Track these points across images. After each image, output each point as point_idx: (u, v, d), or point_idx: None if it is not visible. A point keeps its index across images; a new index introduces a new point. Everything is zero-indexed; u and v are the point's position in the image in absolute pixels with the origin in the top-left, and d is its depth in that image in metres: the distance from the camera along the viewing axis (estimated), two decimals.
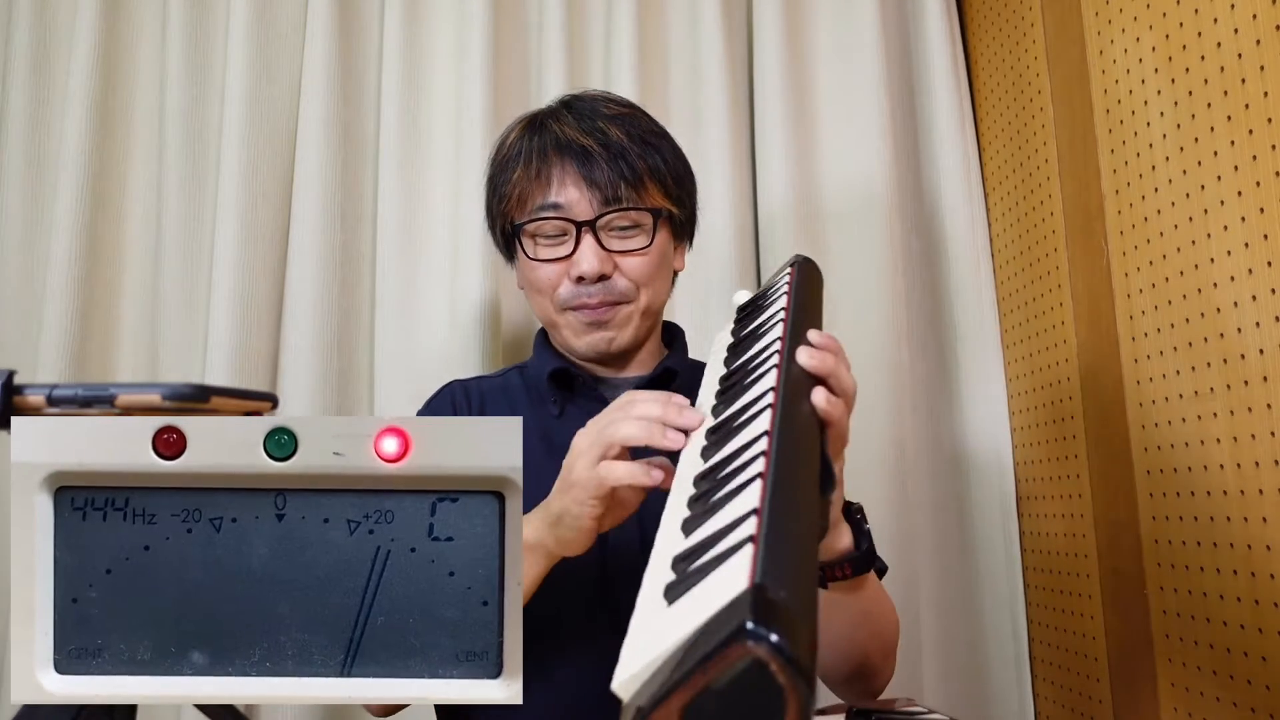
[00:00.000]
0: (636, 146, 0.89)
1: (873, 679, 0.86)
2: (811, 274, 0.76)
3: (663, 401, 0.64)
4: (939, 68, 1.46)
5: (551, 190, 0.88)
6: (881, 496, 1.32)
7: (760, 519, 0.42)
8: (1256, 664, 0.94)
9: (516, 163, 0.91)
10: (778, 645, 0.32)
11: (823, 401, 0.57)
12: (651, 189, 0.90)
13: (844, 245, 1.40)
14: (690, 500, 0.52)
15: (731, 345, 0.74)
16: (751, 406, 0.57)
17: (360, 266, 1.33)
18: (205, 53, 1.32)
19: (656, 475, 0.63)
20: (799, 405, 0.56)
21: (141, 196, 1.32)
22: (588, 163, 0.87)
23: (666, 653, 0.36)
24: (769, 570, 0.37)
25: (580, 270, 0.87)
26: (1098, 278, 1.20)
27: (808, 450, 0.51)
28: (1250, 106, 0.94)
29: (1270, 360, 0.92)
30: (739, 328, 0.77)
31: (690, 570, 0.43)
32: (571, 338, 0.91)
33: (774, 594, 0.35)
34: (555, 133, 0.90)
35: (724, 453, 0.54)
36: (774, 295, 0.75)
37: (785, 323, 0.66)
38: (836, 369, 0.61)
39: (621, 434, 0.63)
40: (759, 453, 0.50)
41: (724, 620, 0.34)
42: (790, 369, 0.59)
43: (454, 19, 1.38)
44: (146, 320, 1.29)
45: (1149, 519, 1.11)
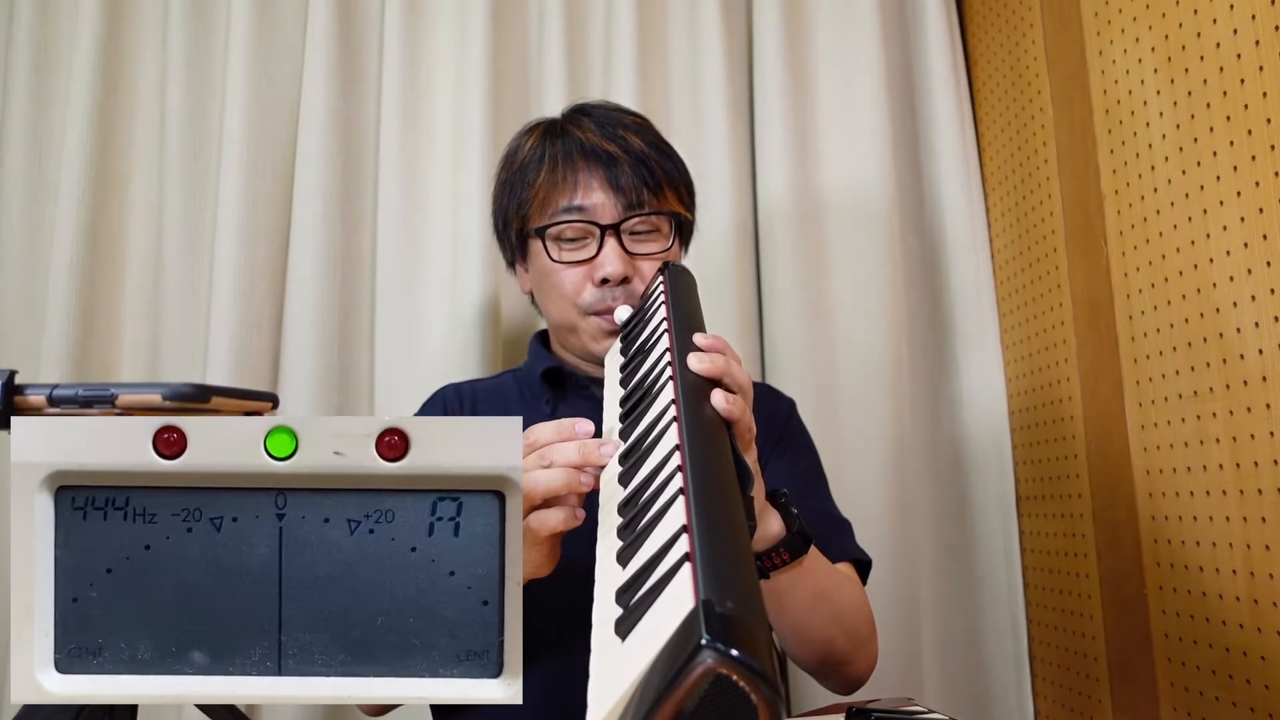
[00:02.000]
0: (655, 154, 0.92)
1: (845, 666, 0.86)
2: (683, 279, 0.78)
3: (578, 445, 0.64)
4: (939, 68, 1.46)
5: (577, 194, 0.90)
6: (881, 496, 1.32)
7: (691, 534, 0.43)
8: (1256, 663, 0.94)
9: (538, 166, 0.92)
10: (736, 657, 0.33)
11: (722, 402, 0.58)
12: (669, 194, 0.93)
13: (844, 245, 1.40)
14: (619, 529, 0.52)
15: (623, 365, 0.75)
16: (657, 424, 0.58)
17: (360, 266, 1.33)
18: (206, 53, 1.33)
19: (582, 514, 0.65)
20: (701, 411, 0.56)
21: (142, 197, 1.32)
22: (613, 168, 0.89)
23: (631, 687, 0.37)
24: (711, 584, 0.38)
25: (605, 272, 0.88)
26: (1097, 278, 1.20)
27: (720, 454, 0.52)
28: (1250, 107, 0.94)
29: (1270, 360, 0.92)
30: (626, 345, 0.79)
31: (634, 601, 0.43)
32: (591, 342, 0.92)
33: (721, 606, 0.35)
34: (578, 138, 0.91)
35: (641, 475, 0.55)
36: (652, 308, 0.77)
37: (670, 332, 0.67)
38: (728, 367, 0.63)
39: (540, 489, 0.64)
40: (675, 468, 0.50)
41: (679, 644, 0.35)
42: (685, 376, 0.60)
43: (454, 19, 1.38)
44: (147, 320, 1.29)
45: (1148, 519, 1.12)
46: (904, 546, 1.31)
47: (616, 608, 0.45)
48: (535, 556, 0.67)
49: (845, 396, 1.35)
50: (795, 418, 1.04)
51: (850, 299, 1.38)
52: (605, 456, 0.63)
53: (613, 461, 0.62)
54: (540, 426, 0.67)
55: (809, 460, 1.02)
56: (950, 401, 1.45)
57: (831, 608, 0.83)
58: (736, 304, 1.35)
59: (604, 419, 0.70)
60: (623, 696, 0.37)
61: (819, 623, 0.82)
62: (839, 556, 0.91)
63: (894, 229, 1.40)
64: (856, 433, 1.34)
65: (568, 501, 0.65)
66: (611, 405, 0.70)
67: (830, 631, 0.83)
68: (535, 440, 0.66)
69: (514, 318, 1.34)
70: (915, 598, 1.32)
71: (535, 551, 0.67)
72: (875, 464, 1.33)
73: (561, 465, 0.64)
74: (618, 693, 0.38)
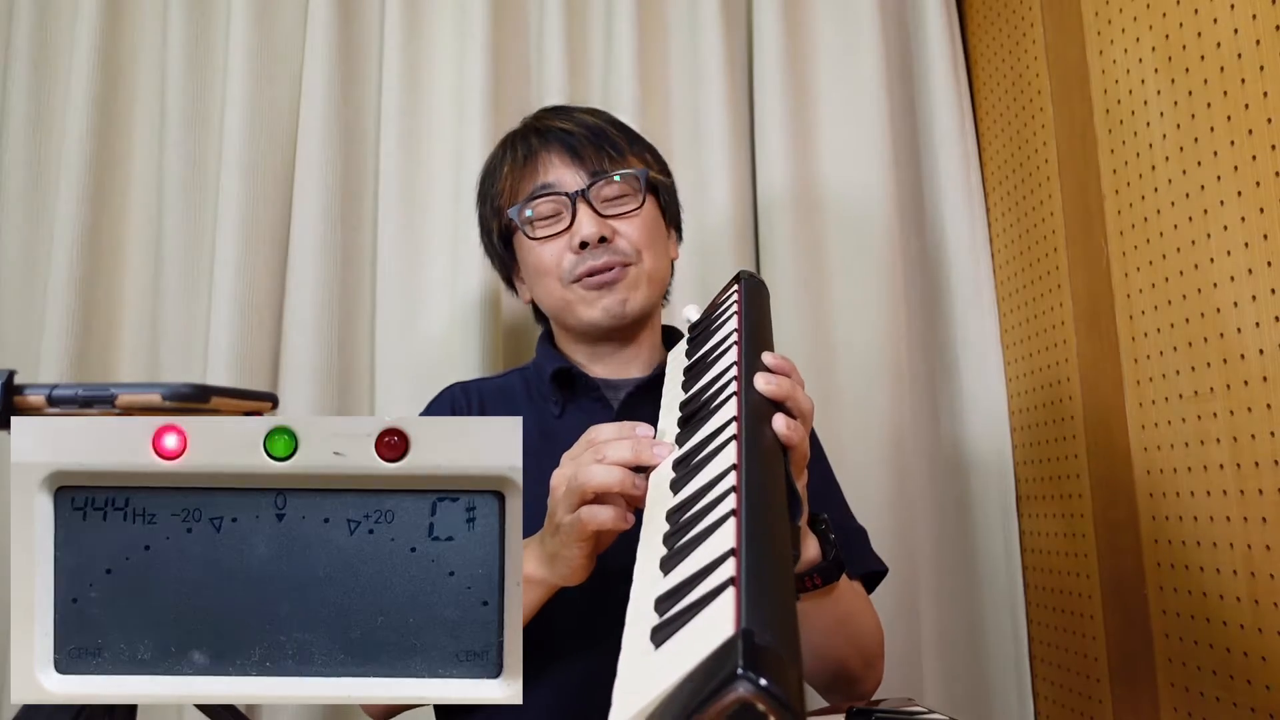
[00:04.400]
0: (611, 127, 0.96)
1: (852, 685, 0.87)
2: (758, 292, 0.78)
3: (632, 442, 0.64)
4: (939, 67, 1.46)
5: (540, 174, 0.93)
6: (881, 496, 1.32)
7: (739, 559, 0.43)
8: (1256, 664, 0.94)
9: (503, 164, 0.96)
10: (769, 690, 0.33)
11: (783, 427, 0.58)
12: (631, 158, 0.95)
13: (844, 245, 1.40)
14: (665, 536, 0.53)
15: (688, 368, 0.75)
16: (716, 437, 0.58)
17: (360, 266, 1.33)
18: (205, 53, 1.32)
19: (631, 519, 0.64)
20: (762, 433, 0.57)
21: (142, 196, 1.31)
22: (569, 140, 0.93)
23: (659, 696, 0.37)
24: (753, 614, 0.38)
25: (581, 235, 0.89)
26: (1097, 278, 1.20)
27: (774, 480, 0.52)
28: (1250, 107, 0.94)
29: (1270, 360, 0.92)
30: (693, 348, 0.79)
31: (673, 613, 0.44)
32: (584, 310, 0.92)
33: (761, 639, 0.36)
34: (534, 128, 0.96)
35: (694, 486, 0.55)
36: (724, 315, 0.77)
37: (739, 346, 0.67)
38: (793, 392, 0.62)
39: (595, 482, 0.64)
40: (729, 488, 0.50)
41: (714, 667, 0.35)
42: (750, 395, 0.60)
43: (454, 19, 1.38)
44: (147, 320, 1.29)
45: (1149, 519, 1.12)
46: (904, 546, 1.31)
47: (654, 614, 0.45)
48: (574, 557, 0.67)
49: (845, 396, 1.35)
50: None
51: (850, 299, 1.38)
52: (658, 457, 0.63)
53: (665, 464, 0.62)
54: (601, 426, 0.68)
55: (823, 468, 1.02)
56: (950, 401, 1.45)
57: (850, 632, 0.83)
58: None
59: (660, 417, 0.70)
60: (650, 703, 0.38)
61: (837, 645, 0.83)
62: (856, 572, 0.92)
63: (894, 229, 1.40)
64: (856, 432, 1.34)
65: (618, 502, 0.65)
66: (671, 405, 0.71)
67: (845, 653, 0.84)
68: (594, 438, 0.67)
69: (514, 317, 1.34)
70: (915, 598, 1.32)
71: (576, 550, 0.66)
72: (875, 464, 1.33)
73: (615, 462, 0.64)
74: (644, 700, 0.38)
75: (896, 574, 1.30)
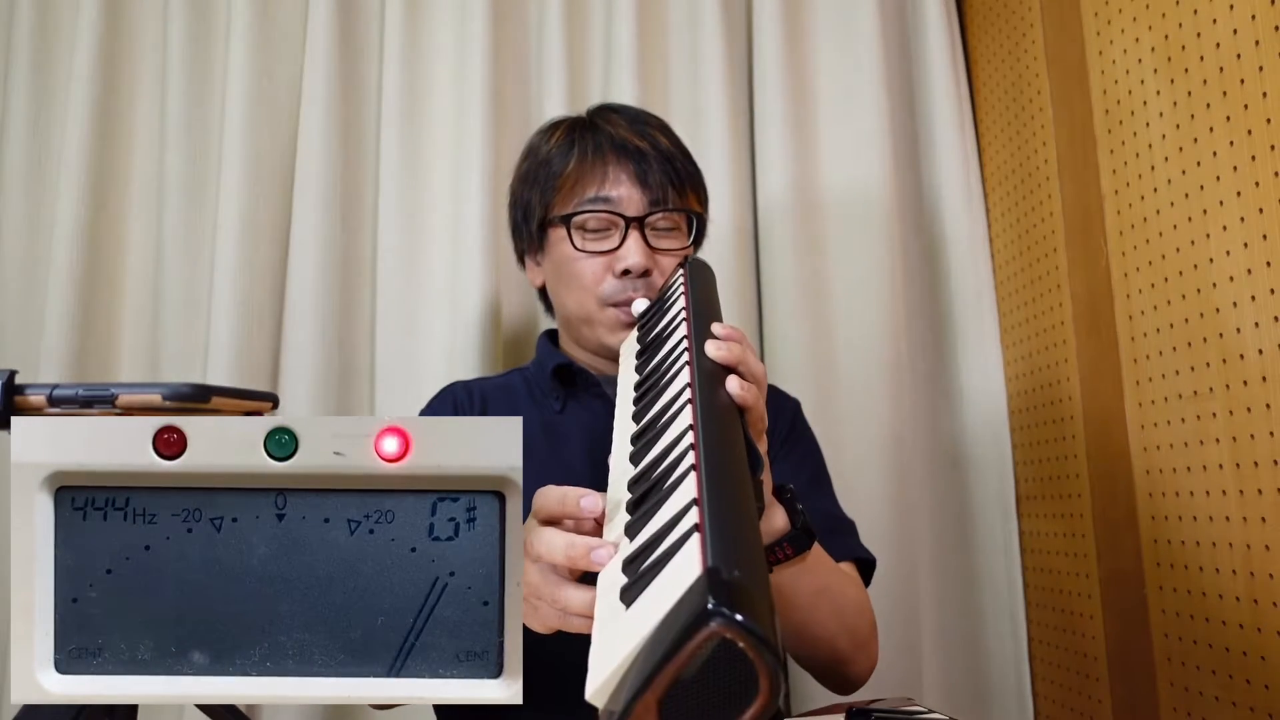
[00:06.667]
0: (680, 155, 0.95)
1: (845, 666, 0.86)
2: (703, 273, 0.79)
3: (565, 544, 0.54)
4: (939, 68, 1.46)
5: (605, 184, 0.92)
6: (881, 496, 1.32)
7: (701, 507, 0.43)
8: (1256, 663, 0.94)
9: (566, 157, 0.94)
10: (741, 622, 0.33)
11: (737, 388, 0.59)
12: (691, 194, 0.96)
13: (843, 245, 1.40)
14: (629, 504, 0.53)
15: (639, 351, 0.76)
16: (672, 405, 0.59)
17: (360, 266, 1.33)
18: (206, 53, 1.32)
19: None
20: (716, 395, 0.57)
21: (142, 197, 1.32)
22: (642, 163, 0.92)
23: (634, 651, 0.37)
24: (719, 553, 0.38)
25: (628, 264, 0.89)
26: (1097, 277, 1.20)
27: (732, 436, 0.52)
28: (1249, 107, 0.94)
29: (1270, 360, 0.92)
30: (643, 334, 0.79)
31: (642, 570, 0.43)
32: (606, 334, 0.92)
33: (728, 574, 0.36)
34: (609, 133, 0.94)
35: (654, 453, 0.55)
36: (671, 299, 0.78)
37: (688, 321, 0.68)
38: (744, 356, 0.63)
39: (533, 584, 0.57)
40: (687, 446, 0.51)
41: (685, 608, 0.35)
42: (701, 363, 0.61)
43: (454, 19, 1.38)
44: (147, 320, 1.29)
45: (1148, 518, 1.12)
46: (904, 546, 1.31)
47: (622, 576, 0.45)
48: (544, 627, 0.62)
49: (845, 396, 1.35)
50: (800, 418, 1.05)
51: (850, 299, 1.38)
52: (595, 564, 0.51)
53: (624, 442, 0.61)
54: (547, 492, 0.59)
55: (814, 460, 1.02)
56: (950, 401, 1.45)
57: (833, 605, 0.83)
58: (736, 304, 1.35)
59: (617, 407, 0.70)
60: (625, 660, 0.37)
61: (820, 620, 0.82)
62: (843, 555, 0.92)
63: (894, 229, 1.40)
64: (856, 432, 1.34)
65: None
66: (625, 392, 0.71)
67: (832, 629, 0.83)
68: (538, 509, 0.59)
69: (514, 318, 1.34)
70: (915, 598, 1.32)
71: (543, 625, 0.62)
72: (875, 463, 1.33)
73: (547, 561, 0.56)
74: (619, 656, 0.38)
75: (896, 574, 1.30)
